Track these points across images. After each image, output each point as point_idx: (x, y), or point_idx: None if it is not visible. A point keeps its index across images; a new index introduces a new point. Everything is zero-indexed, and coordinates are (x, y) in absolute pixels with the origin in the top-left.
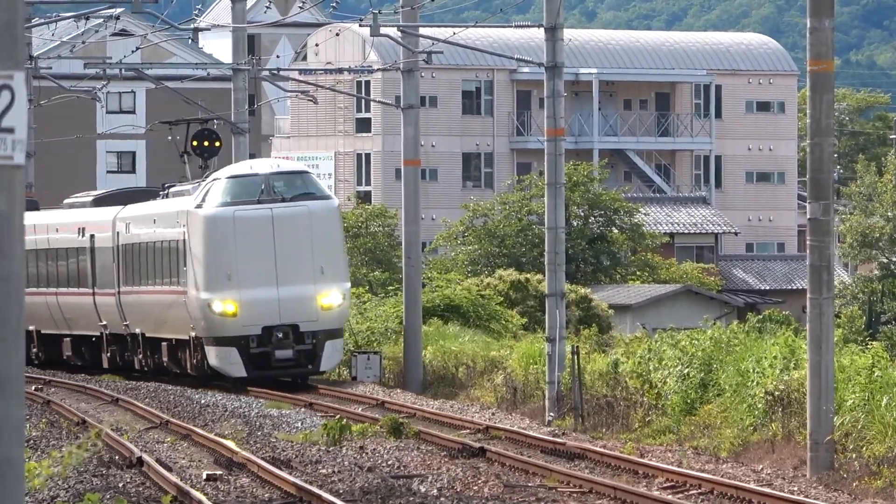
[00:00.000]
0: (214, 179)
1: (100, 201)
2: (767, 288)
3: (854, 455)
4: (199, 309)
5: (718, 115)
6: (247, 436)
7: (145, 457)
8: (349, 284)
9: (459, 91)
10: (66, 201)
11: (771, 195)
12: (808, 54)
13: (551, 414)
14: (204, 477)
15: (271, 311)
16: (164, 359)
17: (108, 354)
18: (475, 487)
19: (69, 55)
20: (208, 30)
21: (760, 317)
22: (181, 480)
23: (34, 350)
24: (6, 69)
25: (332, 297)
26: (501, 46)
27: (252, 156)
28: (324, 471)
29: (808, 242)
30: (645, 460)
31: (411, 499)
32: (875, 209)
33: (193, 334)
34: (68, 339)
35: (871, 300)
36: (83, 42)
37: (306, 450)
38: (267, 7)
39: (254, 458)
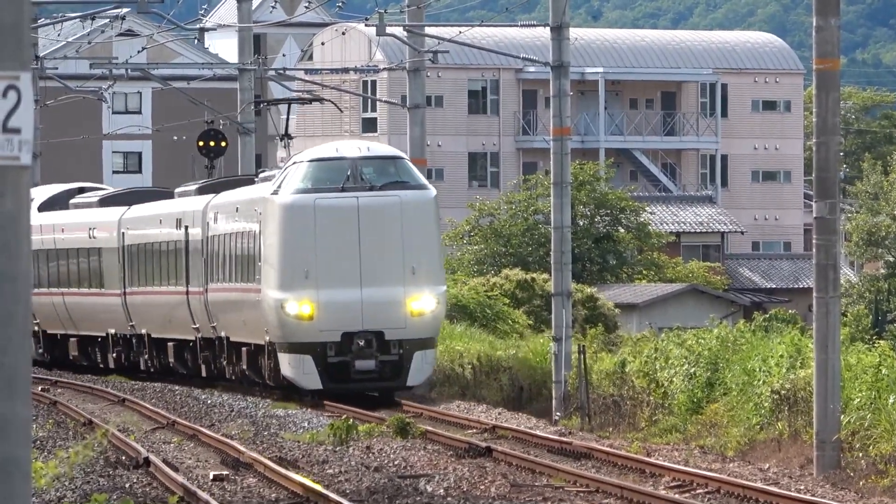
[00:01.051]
0: (294, 163)
1: (203, 190)
2: (773, 287)
3: (861, 454)
4: (272, 310)
5: (724, 114)
6: (253, 436)
7: (152, 457)
8: (444, 288)
9: (465, 91)
10: (178, 190)
11: (777, 194)
12: (813, 53)
13: (558, 413)
14: (211, 477)
15: (353, 316)
16: (244, 367)
17: (202, 361)
18: (482, 487)
19: (75, 55)
20: (214, 30)
21: (767, 316)
22: (188, 481)
23: (145, 356)
24: (12, 70)
25: (423, 302)
26: (507, 46)
27: (258, 157)
28: (330, 471)
29: (814, 241)
30: (652, 459)
31: (418, 498)
32: (881, 207)
33: (268, 339)
34: (171, 343)
35: (878, 299)
36: (89, 42)
37: (313, 450)
38: (273, 7)
39: (260, 457)
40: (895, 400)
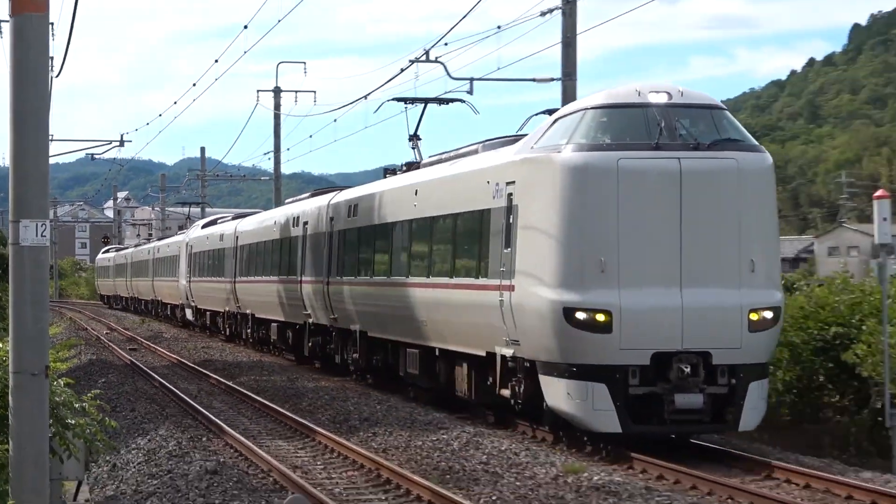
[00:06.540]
0: (570, 112)
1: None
2: None
3: None
4: (546, 317)
5: None
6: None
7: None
8: (781, 294)
9: None
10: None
11: None
12: None
13: None
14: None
15: (670, 329)
16: (465, 385)
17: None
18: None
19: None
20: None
21: None
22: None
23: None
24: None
25: (764, 312)
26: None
27: None
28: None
29: None
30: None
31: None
32: None
33: (510, 352)
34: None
35: None
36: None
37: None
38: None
39: (144, 341)
40: None
